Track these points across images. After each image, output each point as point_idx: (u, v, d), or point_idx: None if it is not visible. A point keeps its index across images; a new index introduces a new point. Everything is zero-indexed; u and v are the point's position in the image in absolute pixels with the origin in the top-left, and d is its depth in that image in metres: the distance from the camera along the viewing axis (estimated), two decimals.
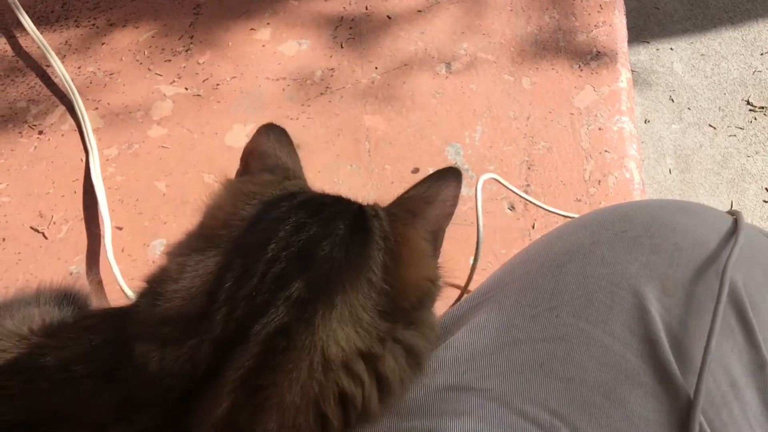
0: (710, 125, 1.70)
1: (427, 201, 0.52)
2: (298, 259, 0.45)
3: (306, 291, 0.44)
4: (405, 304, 0.47)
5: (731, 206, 1.59)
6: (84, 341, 0.48)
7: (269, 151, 0.58)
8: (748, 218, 1.60)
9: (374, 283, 0.46)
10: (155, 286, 0.47)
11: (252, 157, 0.59)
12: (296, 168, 0.59)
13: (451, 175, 0.53)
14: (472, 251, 0.76)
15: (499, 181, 0.79)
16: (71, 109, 0.90)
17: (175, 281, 0.46)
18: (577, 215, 0.80)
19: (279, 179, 0.55)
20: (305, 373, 0.43)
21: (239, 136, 0.88)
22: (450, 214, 0.54)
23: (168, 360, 0.43)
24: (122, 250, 0.80)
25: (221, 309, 0.44)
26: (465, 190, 0.81)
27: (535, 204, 0.81)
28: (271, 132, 0.60)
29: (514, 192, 0.80)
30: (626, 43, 0.97)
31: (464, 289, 0.76)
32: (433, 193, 0.53)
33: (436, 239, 0.53)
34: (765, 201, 1.60)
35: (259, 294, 0.44)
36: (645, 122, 1.71)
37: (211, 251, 0.48)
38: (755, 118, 1.71)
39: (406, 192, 0.54)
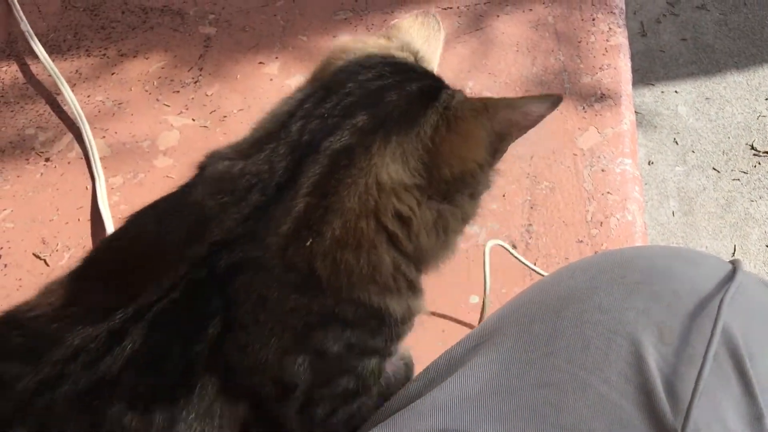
0: (714, 168, 1.71)
1: (509, 105, 0.55)
2: (368, 98, 0.53)
3: (369, 123, 0.51)
4: (445, 170, 0.52)
5: (734, 250, 1.59)
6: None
7: (407, 27, 0.63)
8: (751, 263, 1.60)
9: (422, 138, 0.52)
10: None
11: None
12: (421, 52, 0.61)
13: (549, 99, 0.55)
14: (477, 291, 0.76)
15: (506, 248, 0.80)
16: (79, 137, 0.91)
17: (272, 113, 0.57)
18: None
19: (393, 45, 0.61)
20: (362, 188, 0.50)
21: None
22: (525, 128, 0.56)
23: (249, 165, 0.52)
24: None
25: (298, 122, 0.53)
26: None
27: (537, 272, 0.81)
28: (422, 17, 0.64)
29: (520, 261, 0.80)
30: (630, 86, 0.98)
31: None
32: (521, 103, 0.55)
33: (499, 140, 0.55)
34: None
35: (330, 116, 0.52)
36: (649, 164, 1.71)
37: (306, 88, 0.57)
38: (759, 163, 1.71)
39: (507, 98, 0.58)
